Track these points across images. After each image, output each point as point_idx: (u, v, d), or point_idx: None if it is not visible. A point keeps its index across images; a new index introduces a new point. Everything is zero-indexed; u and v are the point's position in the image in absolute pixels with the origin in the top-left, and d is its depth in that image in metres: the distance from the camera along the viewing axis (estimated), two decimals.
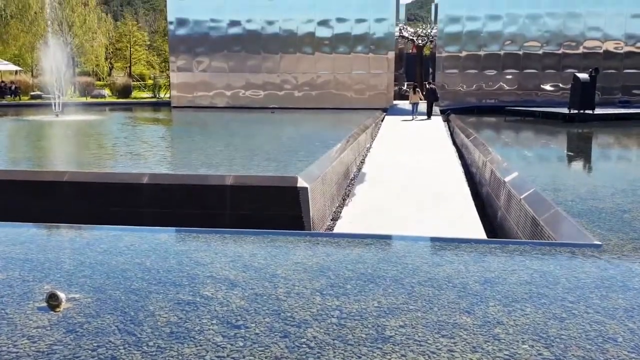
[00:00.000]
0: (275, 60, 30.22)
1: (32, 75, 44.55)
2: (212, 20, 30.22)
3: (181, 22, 30.55)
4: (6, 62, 46.43)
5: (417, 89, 24.69)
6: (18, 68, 46.48)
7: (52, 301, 2.98)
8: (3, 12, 43.88)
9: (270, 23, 29.87)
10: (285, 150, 11.20)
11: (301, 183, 6.86)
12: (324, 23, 29.58)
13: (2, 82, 39.64)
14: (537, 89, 28.73)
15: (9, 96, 37.66)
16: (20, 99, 37.10)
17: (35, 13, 41.78)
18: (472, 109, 26.86)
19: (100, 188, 7.20)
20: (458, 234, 6.45)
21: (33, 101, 34.05)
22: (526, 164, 10.28)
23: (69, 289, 3.28)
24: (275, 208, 6.82)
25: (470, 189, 9.41)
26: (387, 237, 4.90)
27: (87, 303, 3.07)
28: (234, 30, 30.19)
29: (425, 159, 12.11)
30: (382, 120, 22.34)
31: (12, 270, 3.62)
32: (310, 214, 6.73)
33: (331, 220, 7.81)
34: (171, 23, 30.91)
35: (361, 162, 12.35)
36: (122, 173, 7.93)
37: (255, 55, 30.24)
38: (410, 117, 23.21)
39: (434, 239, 4.77)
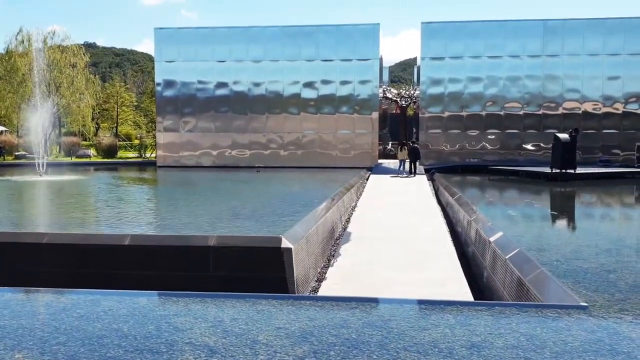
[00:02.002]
0: (262, 120, 30.64)
1: (17, 135, 44.58)
2: (200, 82, 30.76)
3: (169, 84, 31.05)
4: None
5: (405, 147, 25.20)
6: (4, 128, 46.55)
7: None
8: None
9: (256, 85, 30.46)
10: (269, 209, 11.15)
11: (285, 243, 6.79)
12: (309, 85, 30.22)
13: None
14: (519, 148, 29.30)
15: None
16: (4, 159, 36.97)
17: (24, 75, 42.26)
18: (456, 168, 27.24)
19: (81, 250, 7.06)
20: (444, 295, 6.37)
21: (17, 161, 33.95)
22: (511, 223, 10.31)
23: (41, 357, 3.15)
24: (259, 269, 6.71)
25: (456, 249, 9.39)
26: (372, 300, 4.81)
27: None
28: (221, 91, 30.71)
29: (410, 218, 12.12)
30: (367, 179, 22.49)
31: None
32: (295, 275, 6.63)
33: (316, 281, 7.69)
34: (159, 84, 31.39)
35: (347, 220, 12.31)
36: (103, 235, 7.82)
37: (242, 115, 30.67)
38: (396, 174, 23.65)
39: (419, 302, 4.70)
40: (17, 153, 38.33)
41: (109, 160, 37.05)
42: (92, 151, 41.83)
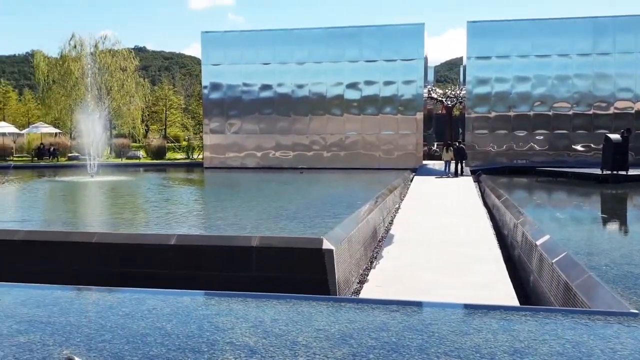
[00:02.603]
0: (305, 121, 30.78)
1: (70, 137, 46.15)
2: (245, 85, 31.14)
3: (215, 87, 31.55)
4: (47, 125, 48.34)
5: (450, 147, 24.92)
6: (57, 130, 48.29)
7: None
8: (46, 78, 46.08)
9: (300, 86, 30.62)
10: (312, 210, 11.19)
11: (326, 245, 6.80)
12: (352, 86, 30.18)
13: (42, 144, 41.12)
14: (569, 149, 28.47)
15: (48, 158, 38.96)
16: (58, 161, 38.31)
17: (76, 78, 43.73)
18: (503, 169, 26.67)
19: (128, 249, 7.26)
20: (488, 299, 6.25)
21: (70, 162, 35.11)
22: (558, 226, 10.03)
23: (87, 354, 3.25)
24: (300, 270, 6.75)
25: (502, 252, 9.20)
26: (414, 303, 4.76)
27: None
28: (266, 93, 31.01)
29: (455, 220, 11.94)
30: (411, 181, 22.29)
31: (34, 333, 3.62)
32: (336, 277, 6.63)
33: (358, 283, 7.67)
34: (205, 87, 31.95)
35: (389, 223, 12.24)
36: (150, 234, 8.00)
37: (286, 117, 30.88)
38: (442, 175, 23.42)
39: (462, 306, 4.62)
40: (70, 154, 39.68)
41: (158, 161, 37.93)
42: (141, 153, 42.91)
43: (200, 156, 35.98)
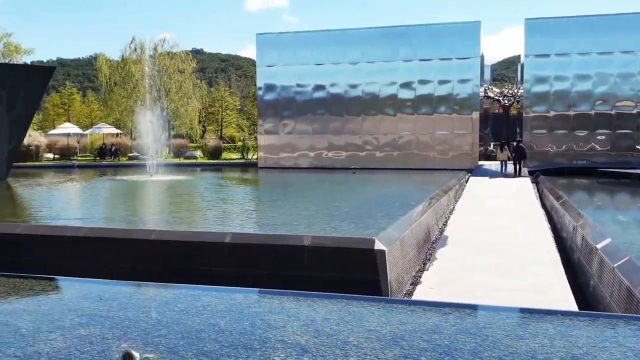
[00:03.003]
0: (358, 121, 30.72)
1: (130, 137, 47.69)
2: (298, 85, 31.36)
3: (269, 88, 31.93)
4: (109, 126, 50.16)
5: (505, 147, 24.34)
6: (119, 131, 50.01)
7: None
8: (108, 80, 47.79)
9: (353, 86, 30.60)
10: (364, 210, 11.16)
11: (378, 245, 6.77)
12: (406, 85, 29.91)
13: (104, 144, 42.70)
14: (632, 149, 27.27)
15: (109, 157, 40.40)
16: (119, 160, 39.67)
17: (137, 80, 45.15)
18: (562, 170, 25.81)
19: (185, 246, 7.45)
20: (545, 303, 6.07)
21: (130, 162, 36.30)
22: (621, 229, 9.64)
23: (144, 348, 3.35)
24: (352, 270, 6.75)
25: (561, 255, 8.91)
26: (467, 306, 4.68)
27: None
28: (319, 94, 31.14)
29: (511, 221, 11.65)
30: (466, 181, 21.90)
31: (94, 327, 3.77)
32: (388, 278, 6.59)
33: (410, 285, 7.60)
34: (260, 89, 32.38)
35: (443, 224, 12.06)
36: (206, 232, 8.18)
37: (339, 117, 30.91)
38: (498, 175, 22.90)
39: (517, 309, 4.51)
40: (130, 154, 41.03)
41: (214, 161, 38.71)
42: (198, 153, 43.88)
43: (255, 156, 36.50)
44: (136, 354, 3.12)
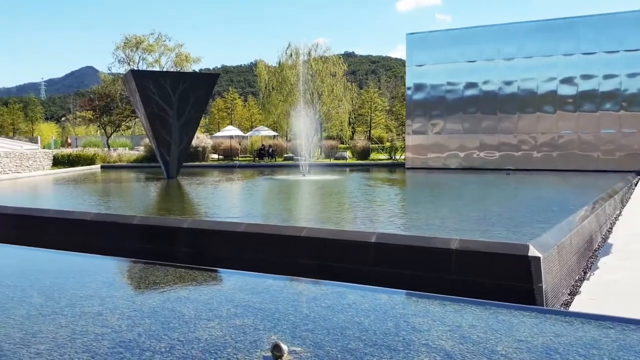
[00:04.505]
0: (512, 120, 29.26)
1: (286, 139, 50.01)
2: (449, 84, 30.67)
3: (418, 87, 31.61)
4: (267, 128, 53.08)
5: None
6: (275, 133, 52.68)
7: (276, 352, 3.21)
8: (267, 85, 50.57)
9: (507, 83, 29.21)
10: (518, 214, 10.61)
11: (533, 252, 6.39)
12: (567, 81, 27.88)
13: (263, 145, 45.24)
14: None
15: (267, 158, 42.74)
16: (275, 161, 41.80)
17: (291, 85, 47.24)
18: None
19: (333, 244, 7.64)
20: None
21: (285, 162, 38.08)
22: None
23: (292, 341, 3.51)
24: (503, 277, 6.44)
25: None
26: (632, 321, 4.25)
27: (306, 357, 3.24)
28: (470, 92, 30.18)
29: None
30: (635, 184, 19.86)
31: (248, 317, 4.01)
32: (543, 287, 6.20)
33: (568, 295, 7.08)
34: (409, 88, 32.18)
35: (608, 231, 11.06)
36: (352, 231, 8.32)
37: (491, 115, 29.69)
38: None
39: None
40: (285, 155, 43.03)
41: (362, 162, 39.24)
42: (347, 153, 44.79)
43: (403, 157, 36.36)
44: (284, 347, 3.27)
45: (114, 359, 3.22)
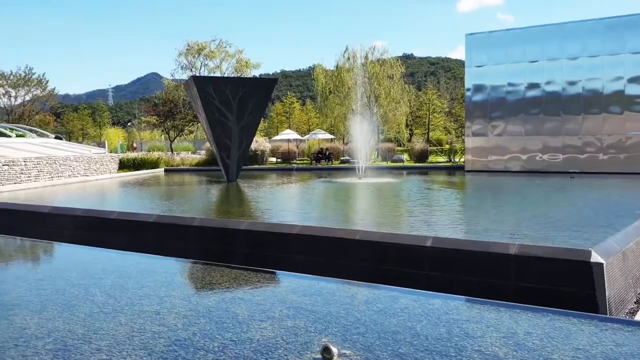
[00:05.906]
0: (577, 121, 28.22)
1: (343, 142, 50.11)
2: (510, 85, 29.91)
3: (478, 88, 30.99)
4: (324, 131, 53.33)
5: None
6: (332, 136, 52.86)
7: (326, 354, 3.23)
8: (324, 89, 50.86)
9: (571, 83, 28.21)
10: (580, 218, 10.24)
11: (595, 258, 6.16)
12: (635, 80, 26.65)
13: (321, 148, 45.47)
14: None
15: (324, 161, 42.92)
16: (332, 164, 41.92)
17: (349, 88, 47.31)
18: None
19: (387, 248, 7.61)
20: None
21: (342, 165, 38.11)
22: None
23: (342, 344, 3.52)
24: (563, 283, 6.24)
25: None
26: None
27: None
28: (532, 92, 29.32)
29: None
30: None
31: (299, 319, 4.06)
32: (606, 294, 5.96)
33: (635, 303, 6.78)
34: (468, 90, 31.59)
35: None
36: (407, 235, 8.26)
37: (555, 116, 28.74)
38: None
39: None
40: (342, 158, 43.10)
41: (420, 164, 38.78)
42: (405, 156, 44.40)
43: (462, 159, 35.71)
44: (334, 349, 3.29)
45: (169, 357, 3.34)
